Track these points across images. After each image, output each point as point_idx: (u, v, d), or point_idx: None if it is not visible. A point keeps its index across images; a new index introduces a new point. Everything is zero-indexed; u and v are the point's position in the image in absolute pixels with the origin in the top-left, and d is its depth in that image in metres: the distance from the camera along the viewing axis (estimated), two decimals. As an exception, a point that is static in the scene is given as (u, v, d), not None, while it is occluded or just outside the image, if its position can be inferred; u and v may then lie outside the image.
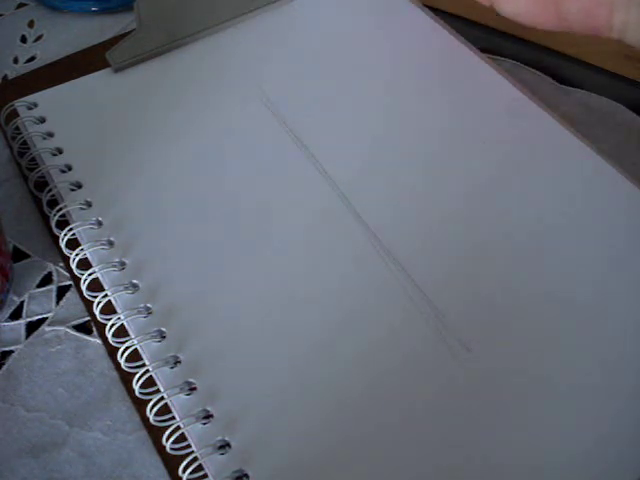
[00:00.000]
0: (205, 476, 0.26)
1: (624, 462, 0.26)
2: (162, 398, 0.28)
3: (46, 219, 0.34)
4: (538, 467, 0.26)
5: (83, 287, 0.31)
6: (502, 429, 0.26)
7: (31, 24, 0.46)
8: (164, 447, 0.27)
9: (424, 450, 0.26)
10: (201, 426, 0.27)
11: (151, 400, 0.28)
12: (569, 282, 0.30)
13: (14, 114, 0.38)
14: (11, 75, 0.43)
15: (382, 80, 0.38)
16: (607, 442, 0.26)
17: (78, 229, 0.33)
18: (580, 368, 0.28)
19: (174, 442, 0.27)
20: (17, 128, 0.38)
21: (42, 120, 0.38)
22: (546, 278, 0.30)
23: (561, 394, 0.27)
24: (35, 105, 0.39)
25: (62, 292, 0.33)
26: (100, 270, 0.32)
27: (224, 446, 0.27)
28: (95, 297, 0.31)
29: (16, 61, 0.44)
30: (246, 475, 0.26)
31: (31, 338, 0.32)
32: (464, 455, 0.26)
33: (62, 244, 0.33)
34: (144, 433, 0.29)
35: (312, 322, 0.30)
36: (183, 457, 0.26)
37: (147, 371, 0.29)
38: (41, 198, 0.34)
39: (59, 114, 0.38)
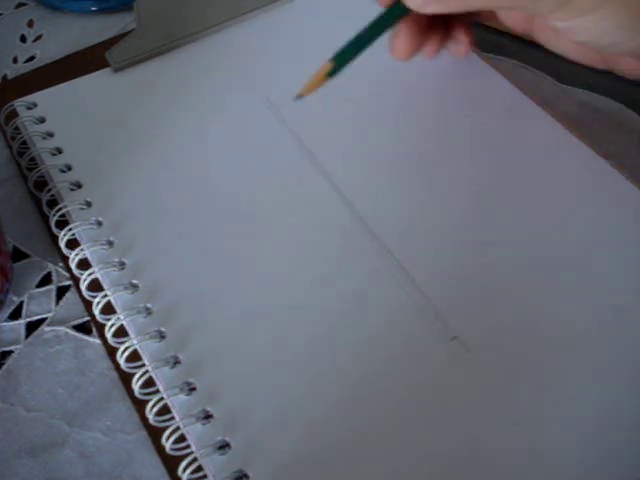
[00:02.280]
0: (205, 476, 0.26)
1: (624, 462, 0.26)
2: (162, 398, 0.28)
3: (46, 219, 0.34)
4: (538, 467, 0.26)
5: (83, 287, 0.31)
6: (502, 429, 0.26)
7: (30, 24, 0.46)
8: (164, 447, 0.27)
9: (424, 450, 0.26)
10: (201, 426, 0.27)
11: (151, 400, 0.28)
12: (570, 282, 0.30)
13: (14, 114, 0.38)
14: (11, 75, 0.43)
15: (381, 79, 0.38)
16: (607, 442, 0.26)
17: (78, 229, 0.33)
18: (580, 367, 0.28)
19: (174, 442, 0.27)
20: (17, 128, 0.38)
21: (42, 120, 0.38)
22: (546, 279, 0.30)
23: (561, 394, 0.27)
24: (35, 105, 0.39)
25: (62, 292, 0.33)
26: (100, 270, 0.32)
27: (224, 446, 0.27)
28: (95, 297, 0.31)
29: (15, 61, 0.44)
30: (246, 475, 0.26)
31: (31, 338, 0.32)
32: (464, 454, 0.26)
33: (62, 244, 0.33)
34: (144, 433, 0.29)
35: (312, 322, 0.30)
36: (183, 457, 0.26)
37: (147, 371, 0.29)
38: (41, 198, 0.34)
39: (59, 114, 0.38)
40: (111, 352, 0.30)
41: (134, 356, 0.29)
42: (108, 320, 0.30)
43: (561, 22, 0.31)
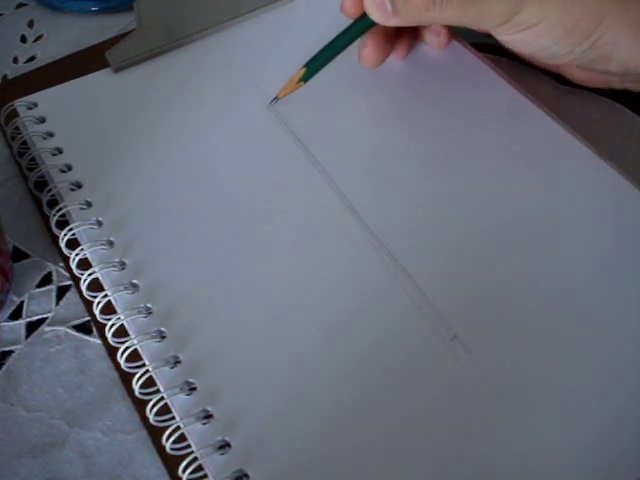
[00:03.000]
0: (205, 476, 0.26)
1: (624, 462, 0.26)
2: (162, 398, 0.28)
3: (46, 219, 0.34)
4: (538, 467, 0.26)
5: (83, 287, 0.31)
6: (502, 429, 0.26)
7: (31, 24, 0.46)
8: (164, 447, 0.27)
9: (424, 450, 0.26)
10: (201, 426, 0.27)
11: (151, 400, 0.28)
12: (569, 282, 0.30)
13: (14, 114, 0.38)
14: (11, 75, 0.43)
15: (381, 78, 0.38)
16: (607, 442, 0.26)
17: (78, 229, 0.33)
18: (580, 368, 0.28)
19: (174, 442, 0.27)
20: (17, 128, 0.38)
21: (42, 120, 0.38)
22: (547, 278, 0.30)
23: (561, 394, 0.27)
24: (35, 105, 0.39)
25: (62, 292, 0.33)
26: (100, 270, 0.32)
27: (224, 446, 0.27)
28: (95, 297, 0.31)
29: (16, 61, 0.44)
30: (246, 475, 0.26)
31: (31, 338, 0.32)
32: (464, 455, 0.26)
33: (62, 244, 0.33)
34: (144, 433, 0.29)
35: (312, 322, 0.30)
36: (183, 457, 0.26)
37: (147, 371, 0.29)
38: (41, 198, 0.34)
39: (59, 114, 0.38)
40: (111, 352, 0.30)
41: (134, 356, 0.29)
42: (108, 320, 0.30)
43: (505, 36, 0.34)
